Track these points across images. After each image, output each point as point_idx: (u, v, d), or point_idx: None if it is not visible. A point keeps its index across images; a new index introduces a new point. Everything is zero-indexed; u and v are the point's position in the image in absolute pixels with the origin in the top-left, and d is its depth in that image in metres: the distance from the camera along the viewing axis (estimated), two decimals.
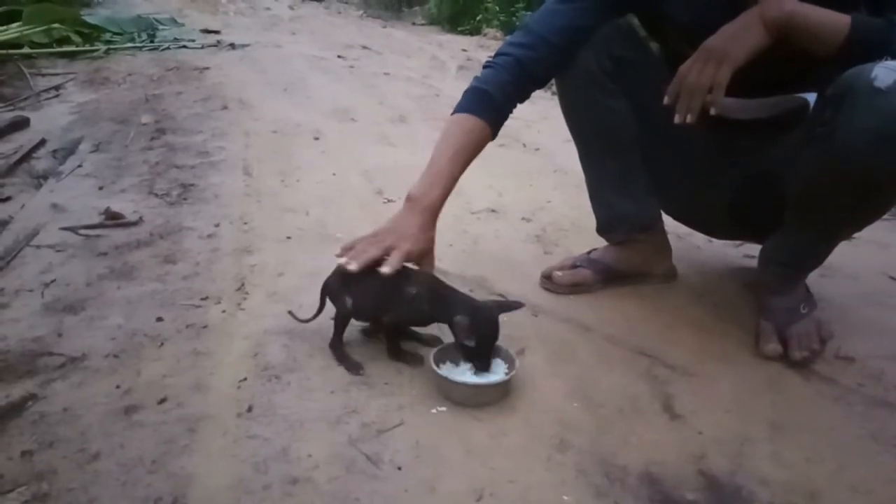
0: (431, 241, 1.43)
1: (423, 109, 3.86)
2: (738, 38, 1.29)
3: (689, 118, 1.34)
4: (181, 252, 1.97)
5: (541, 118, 3.46)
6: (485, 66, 1.52)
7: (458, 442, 1.23)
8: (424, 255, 1.42)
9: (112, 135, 3.19)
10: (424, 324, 1.48)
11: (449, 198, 1.46)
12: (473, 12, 7.72)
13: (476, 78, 1.51)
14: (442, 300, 1.38)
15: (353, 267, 1.34)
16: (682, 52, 1.37)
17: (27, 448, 1.19)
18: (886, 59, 1.19)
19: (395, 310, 1.41)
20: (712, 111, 1.33)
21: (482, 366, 1.35)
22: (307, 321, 1.51)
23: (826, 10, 1.25)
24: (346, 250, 1.40)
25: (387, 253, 1.36)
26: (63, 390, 1.35)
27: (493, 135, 1.50)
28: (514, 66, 1.48)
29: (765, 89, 1.49)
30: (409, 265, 1.41)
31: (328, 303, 1.48)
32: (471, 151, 1.47)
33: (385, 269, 1.33)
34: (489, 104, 1.48)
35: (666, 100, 1.37)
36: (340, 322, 1.46)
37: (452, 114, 1.50)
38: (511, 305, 1.43)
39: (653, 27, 1.61)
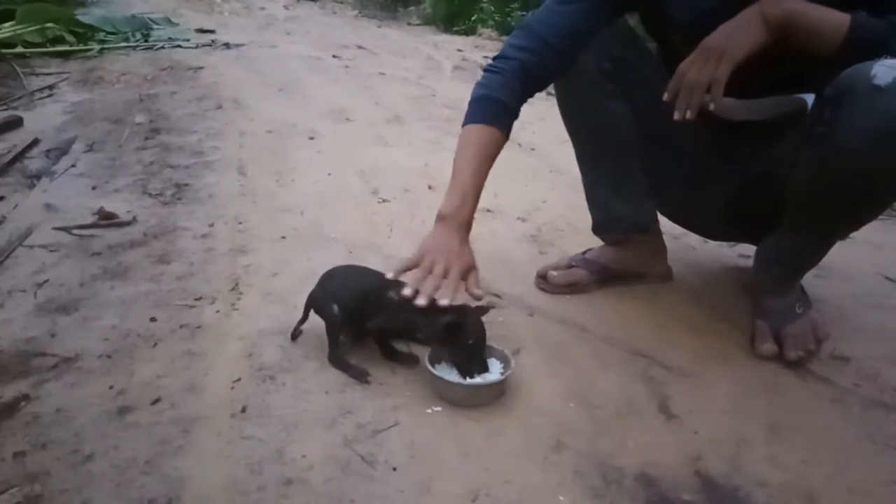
0: (472, 255, 1.42)
1: (418, 110, 3.85)
2: (737, 36, 1.29)
3: (688, 115, 1.34)
4: (175, 252, 1.96)
5: (537, 119, 3.46)
6: (488, 71, 1.51)
7: (454, 442, 1.23)
8: (471, 269, 1.40)
9: (106, 134, 3.18)
10: (408, 331, 1.44)
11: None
12: (468, 13, 7.72)
13: (481, 85, 1.49)
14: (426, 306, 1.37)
15: (422, 302, 1.29)
16: (682, 53, 1.37)
17: (20, 449, 1.18)
18: (886, 58, 1.18)
19: (379, 315, 1.40)
20: (711, 107, 1.33)
21: (481, 367, 1.35)
22: (294, 337, 1.52)
23: (826, 9, 1.25)
24: (399, 273, 1.38)
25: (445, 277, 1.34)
26: (56, 391, 1.34)
27: (507, 139, 1.50)
28: (520, 70, 1.47)
29: (764, 90, 1.49)
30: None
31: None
32: (490, 161, 1.47)
33: (443, 302, 1.29)
34: (500, 110, 1.47)
35: (666, 96, 1.37)
36: (333, 332, 1.45)
37: (465, 124, 1.48)
38: (484, 311, 1.41)
39: (653, 27, 1.61)
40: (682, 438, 1.27)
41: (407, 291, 1.32)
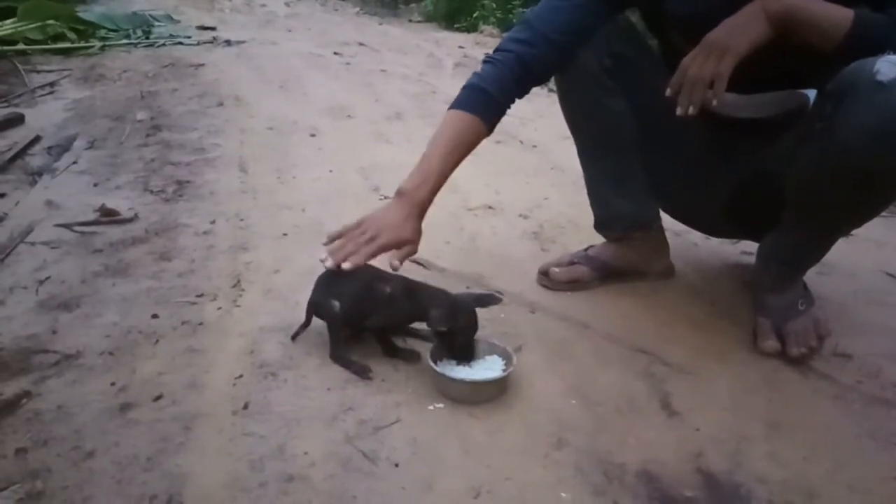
0: (416, 231, 1.42)
1: (419, 107, 3.84)
2: (740, 31, 1.29)
3: (690, 110, 1.34)
4: (176, 249, 1.96)
5: (538, 116, 3.46)
6: (485, 62, 1.51)
7: (456, 439, 1.23)
8: (406, 243, 1.40)
9: (107, 131, 3.18)
10: (406, 323, 1.46)
11: (446, 195, 1.46)
12: (470, 10, 7.69)
13: (475, 74, 1.50)
14: (419, 295, 1.38)
15: (329, 264, 1.35)
16: (681, 49, 1.36)
17: (21, 446, 1.18)
18: (889, 54, 1.18)
19: (376, 312, 1.41)
20: (714, 103, 1.32)
21: (466, 357, 1.36)
22: (294, 338, 1.51)
23: (829, 4, 1.25)
24: (332, 239, 1.41)
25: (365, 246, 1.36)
26: (58, 388, 1.34)
27: (489, 132, 1.50)
28: (515, 63, 1.47)
29: (766, 85, 1.49)
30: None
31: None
32: (464, 149, 1.47)
33: (346, 265, 1.33)
34: (486, 102, 1.47)
35: (668, 91, 1.36)
36: (334, 330, 1.45)
37: (450, 108, 1.49)
38: (488, 299, 1.41)
39: (653, 23, 1.60)
40: (684, 435, 1.26)
41: (322, 255, 1.34)
